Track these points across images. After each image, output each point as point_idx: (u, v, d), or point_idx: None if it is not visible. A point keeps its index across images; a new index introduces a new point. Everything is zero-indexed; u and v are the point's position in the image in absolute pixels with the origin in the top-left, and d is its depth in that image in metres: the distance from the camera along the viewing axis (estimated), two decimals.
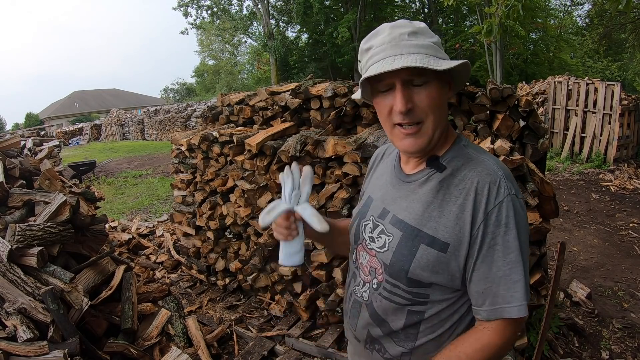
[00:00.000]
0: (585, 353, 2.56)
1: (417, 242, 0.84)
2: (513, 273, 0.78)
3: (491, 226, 0.78)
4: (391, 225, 0.90)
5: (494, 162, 0.84)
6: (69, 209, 2.31)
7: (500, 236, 0.78)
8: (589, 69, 20.06)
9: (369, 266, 0.94)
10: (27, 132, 15.55)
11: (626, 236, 4.52)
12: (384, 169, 1.02)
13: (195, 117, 16.80)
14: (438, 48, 0.81)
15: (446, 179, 0.84)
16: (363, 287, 0.95)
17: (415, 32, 0.80)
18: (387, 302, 0.89)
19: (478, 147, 0.89)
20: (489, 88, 2.18)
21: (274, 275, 2.87)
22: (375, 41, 0.82)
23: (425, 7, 24.28)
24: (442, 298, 0.86)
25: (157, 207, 6.75)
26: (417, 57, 0.76)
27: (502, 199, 0.78)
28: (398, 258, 0.86)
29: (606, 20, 15.13)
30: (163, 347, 2.36)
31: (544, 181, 1.93)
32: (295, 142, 2.53)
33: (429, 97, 0.79)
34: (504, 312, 0.79)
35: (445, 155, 0.87)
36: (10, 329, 1.87)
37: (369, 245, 0.94)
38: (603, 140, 7.52)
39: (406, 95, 0.79)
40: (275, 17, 23.03)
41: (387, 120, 0.84)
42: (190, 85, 46.14)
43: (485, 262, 0.79)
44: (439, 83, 0.81)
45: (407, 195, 0.89)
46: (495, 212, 0.78)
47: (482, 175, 0.80)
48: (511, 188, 0.80)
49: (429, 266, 0.82)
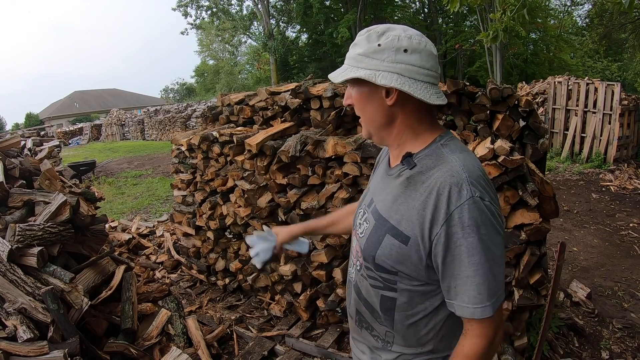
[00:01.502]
0: (585, 353, 2.56)
1: (383, 231, 0.91)
2: (477, 275, 0.80)
3: (454, 227, 0.80)
4: (370, 214, 0.99)
5: (462, 163, 0.85)
6: (69, 209, 2.31)
7: (464, 238, 0.80)
8: (589, 69, 20.06)
9: (355, 249, 1.04)
10: (27, 132, 15.56)
11: (626, 236, 4.52)
12: (382, 164, 1.11)
13: (195, 117, 16.80)
14: (363, 58, 0.87)
15: (414, 176, 0.89)
16: (352, 269, 1.07)
17: (356, 43, 0.89)
18: (366, 283, 0.98)
19: (455, 147, 0.90)
20: (489, 88, 2.18)
21: (274, 275, 2.88)
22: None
23: (425, 7, 24.28)
24: (410, 288, 0.91)
25: (157, 207, 6.75)
26: (343, 68, 0.91)
27: (464, 201, 0.80)
28: (369, 244, 0.94)
29: (606, 20, 15.12)
30: (163, 347, 2.36)
31: (544, 181, 1.93)
32: (295, 142, 2.53)
33: (357, 97, 0.93)
34: (470, 312, 0.83)
35: (418, 153, 0.91)
36: (10, 329, 1.87)
37: (357, 230, 1.04)
38: (603, 140, 7.52)
39: (347, 93, 0.95)
40: (275, 17, 23.03)
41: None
42: (190, 85, 46.13)
43: (453, 261, 0.82)
44: (359, 88, 0.91)
45: (386, 187, 0.98)
46: (457, 214, 0.80)
47: (446, 177, 0.83)
48: (475, 191, 0.80)
49: (392, 255, 0.89)
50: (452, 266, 0.82)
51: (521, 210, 1.92)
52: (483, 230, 0.80)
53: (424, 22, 23.57)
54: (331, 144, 2.41)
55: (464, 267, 0.81)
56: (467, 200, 0.79)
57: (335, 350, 2.47)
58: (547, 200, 1.94)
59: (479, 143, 2.10)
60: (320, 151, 2.48)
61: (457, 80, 2.24)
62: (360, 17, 19.79)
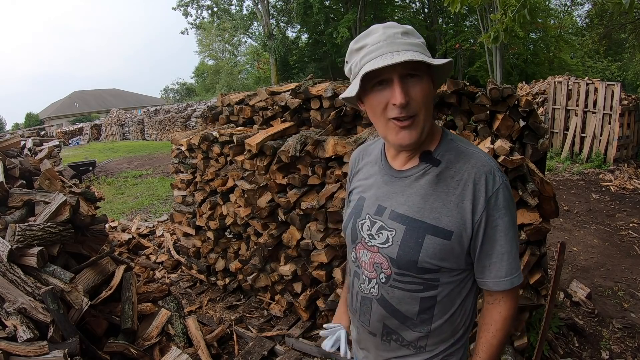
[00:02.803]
0: (585, 353, 2.56)
1: (421, 232, 0.90)
2: (513, 248, 0.91)
3: (492, 210, 0.88)
4: (391, 221, 0.94)
5: (484, 154, 0.93)
6: (69, 209, 2.31)
7: (500, 218, 0.88)
8: (589, 69, 20.06)
9: (372, 262, 0.98)
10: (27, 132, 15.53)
11: (626, 236, 4.52)
12: (370, 170, 1.06)
13: (195, 117, 16.80)
14: (425, 48, 0.87)
15: (443, 172, 0.91)
16: (370, 284, 0.99)
17: (407, 32, 0.86)
18: (399, 292, 0.95)
19: (464, 140, 0.97)
20: (489, 88, 2.18)
21: (274, 275, 2.87)
22: (368, 40, 0.85)
23: (425, 7, 24.27)
24: (450, 280, 0.93)
25: (157, 207, 6.75)
26: (414, 53, 0.81)
27: (499, 186, 0.88)
28: (405, 251, 0.91)
29: (606, 20, 15.12)
30: (163, 347, 2.36)
31: (544, 181, 1.93)
32: (295, 142, 2.53)
33: (422, 91, 0.85)
34: (509, 283, 0.91)
35: (437, 150, 0.93)
36: (10, 329, 1.87)
37: (369, 243, 0.98)
38: (603, 140, 7.52)
39: (404, 88, 0.83)
40: (275, 17, 23.03)
41: (382, 115, 0.88)
42: (190, 85, 46.13)
43: (490, 241, 0.89)
44: (429, 79, 0.87)
45: (403, 190, 0.95)
46: (494, 198, 0.87)
47: (478, 167, 0.89)
48: (502, 176, 0.90)
49: (436, 254, 0.89)
50: (489, 246, 0.90)
51: (521, 210, 1.92)
52: (512, 207, 0.90)
53: (424, 22, 23.56)
54: (331, 144, 2.41)
55: (500, 245, 0.89)
56: (501, 185, 0.88)
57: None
58: (547, 200, 1.94)
59: (479, 143, 2.10)
60: (320, 151, 2.48)
61: (457, 80, 2.24)
62: (360, 17, 19.79)
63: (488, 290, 0.95)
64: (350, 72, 0.91)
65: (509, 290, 0.93)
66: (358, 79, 0.84)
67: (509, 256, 0.90)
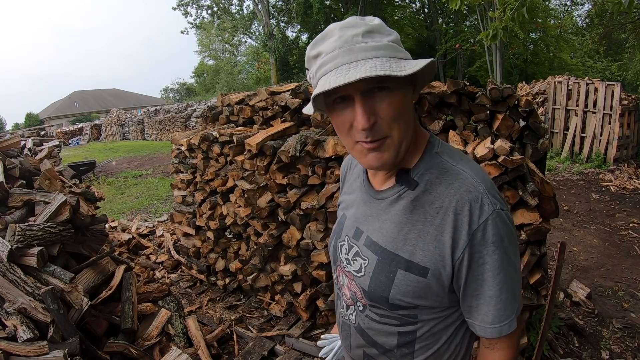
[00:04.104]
0: (585, 353, 2.56)
1: (393, 267, 0.78)
2: (503, 292, 0.75)
3: (477, 246, 0.72)
4: (365, 248, 0.84)
5: (473, 173, 0.75)
6: (69, 209, 2.31)
7: (489, 255, 0.72)
8: (589, 69, 20.06)
9: (349, 289, 0.89)
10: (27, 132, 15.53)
11: (626, 236, 4.52)
12: (354, 183, 0.95)
13: (195, 117, 16.80)
14: (397, 46, 0.70)
15: (420, 197, 0.76)
16: (348, 310, 0.92)
17: (370, 31, 0.69)
18: (375, 324, 0.85)
19: (453, 153, 0.80)
20: (489, 88, 2.18)
21: (274, 275, 2.87)
22: (323, 46, 0.70)
23: (425, 7, 24.27)
24: (431, 317, 0.82)
25: (157, 207, 6.75)
26: (376, 63, 0.65)
27: (487, 217, 0.71)
28: (376, 284, 0.80)
29: (606, 20, 15.12)
30: (163, 347, 2.36)
31: (544, 181, 1.93)
32: (295, 142, 2.53)
33: (392, 107, 0.69)
34: (496, 331, 0.78)
35: (416, 168, 0.78)
36: (10, 329, 1.87)
37: (347, 268, 0.89)
38: (603, 140, 7.52)
39: (367, 109, 0.68)
40: (276, 17, 23.03)
41: (347, 136, 0.74)
42: (190, 85, 46.15)
43: (476, 280, 0.75)
44: (402, 88, 0.71)
45: (379, 214, 0.83)
46: (481, 232, 0.71)
47: (461, 193, 0.73)
48: (495, 203, 0.73)
49: (410, 292, 0.77)
50: (475, 286, 0.75)
51: (521, 210, 1.92)
52: (506, 242, 0.73)
53: (424, 22, 23.58)
54: (331, 144, 2.41)
55: (488, 287, 0.74)
56: (490, 215, 0.71)
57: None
58: (547, 200, 1.94)
59: (479, 143, 2.10)
60: (320, 151, 2.48)
61: (457, 80, 2.24)
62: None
63: None
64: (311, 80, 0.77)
65: (502, 337, 0.79)
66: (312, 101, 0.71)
67: (497, 301, 0.75)
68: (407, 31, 23.33)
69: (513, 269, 0.75)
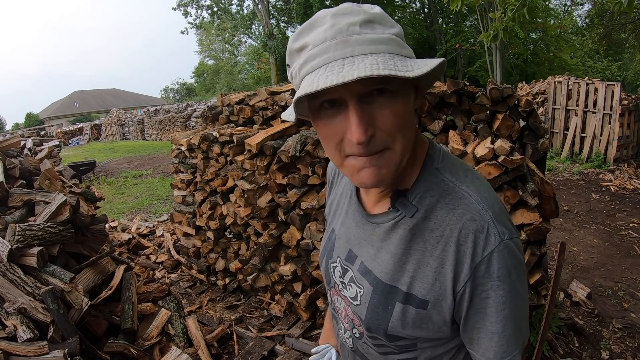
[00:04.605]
0: (585, 353, 2.57)
1: (390, 299, 0.70)
2: (506, 329, 0.66)
3: (480, 279, 0.63)
4: (360, 275, 0.76)
5: (479, 197, 0.65)
6: (69, 209, 2.31)
7: (493, 290, 0.64)
8: (589, 69, 20.07)
9: (346, 314, 0.82)
10: (27, 132, 15.55)
11: (626, 236, 4.52)
12: (343, 195, 0.85)
13: (195, 117, 16.81)
14: (401, 41, 0.58)
15: (419, 225, 0.67)
16: (345, 334, 0.85)
17: (370, 20, 0.56)
18: (373, 351, 0.79)
19: (456, 168, 0.69)
20: (489, 88, 2.18)
21: (274, 275, 2.87)
22: (311, 37, 0.56)
23: (425, 7, 24.28)
24: (431, 345, 0.75)
25: (157, 207, 6.75)
26: (377, 60, 0.52)
27: (493, 249, 0.62)
28: (373, 316, 0.73)
29: (606, 20, 15.13)
30: (163, 347, 2.36)
31: (544, 181, 1.93)
32: (295, 142, 2.53)
33: (394, 115, 0.57)
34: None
35: (414, 189, 0.68)
36: (10, 329, 1.87)
37: (342, 292, 0.82)
38: (603, 140, 7.52)
39: (365, 117, 0.55)
40: (276, 16, 23.03)
41: (335, 151, 0.61)
42: (190, 85, 46.18)
43: (477, 314, 0.67)
44: (405, 92, 0.58)
45: (373, 241, 0.74)
46: (485, 265, 0.62)
47: (465, 221, 0.63)
48: (504, 233, 0.63)
49: (409, 323, 0.70)
50: (476, 319, 0.67)
51: (521, 210, 1.92)
52: (514, 276, 0.64)
53: (424, 22, 23.58)
54: None
55: (491, 322, 0.66)
56: (497, 247, 0.62)
57: None
58: (547, 200, 1.94)
59: (479, 143, 2.10)
60: (321, 151, 2.48)
61: (457, 80, 2.24)
62: None
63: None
64: (292, 80, 0.63)
65: None
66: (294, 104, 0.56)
67: (499, 337, 0.66)
68: (407, 31, 23.27)
69: (520, 302, 0.67)
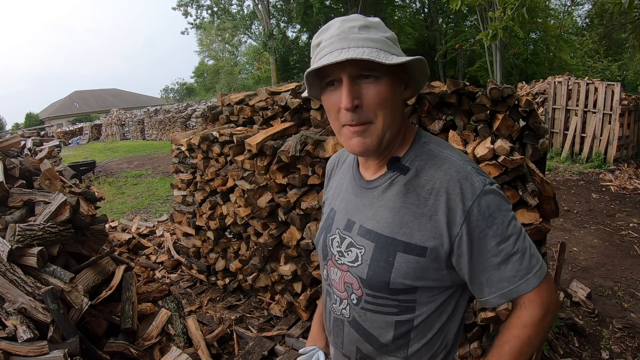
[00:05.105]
0: (585, 353, 2.56)
1: (392, 251, 0.80)
2: (509, 259, 0.76)
3: (475, 222, 0.75)
4: (360, 237, 0.85)
5: (459, 157, 0.80)
6: (69, 209, 2.31)
7: (488, 228, 0.75)
8: (589, 69, 20.06)
9: (342, 282, 0.89)
10: (27, 132, 15.54)
11: (626, 236, 4.52)
12: (342, 177, 0.97)
13: (195, 117, 16.81)
14: (391, 44, 0.76)
15: (411, 181, 0.80)
16: (341, 304, 0.91)
17: (367, 25, 0.75)
18: (372, 315, 0.86)
19: (440, 142, 0.85)
20: (489, 88, 2.18)
21: (274, 275, 2.87)
22: (324, 35, 0.77)
23: (425, 7, 24.27)
24: (429, 300, 0.83)
25: (157, 207, 6.75)
26: (365, 50, 0.71)
27: (479, 193, 0.75)
28: (375, 271, 0.81)
29: (606, 20, 15.12)
30: (163, 347, 2.36)
31: (544, 181, 1.93)
32: (295, 142, 2.53)
33: (378, 94, 0.74)
34: (514, 293, 0.78)
35: (406, 155, 0.83)
36: (10, 328, 1.87)
37: (340, 260, 0.89)
38: (603, 140, 7.52)
39: (353, 91, 0.74)
40: (276, 17, 23.03)
41: (335, 120, 0.79)
42: (190, 85, 46.16)
43: (480, 254, 0.77)
44: (391, 80, 0.76)
45: (372, 202, 0.85)
46: (476, 208, 0.75)
47: (451, 174, 0.77)
48: (485, 179, 0.77)
49: (410, 273, 0.79)
50: (482, 260, 0.77)
51: (521, 210, 1.92)
52: (504, 212, 0.76)
53: (424, 22, 23.56)
54: (331, 144, 2.41)
55: (494, 256, 0.76)
56: (482, 191, 0.75)
57: None
58: (547, 200, 1.94)
59: (479, 143, 2.10)
60: (320, 151, 2.48)
61: (457, 80, 2.24)
62: None
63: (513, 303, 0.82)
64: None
65: (526, 296, 0.79)
66: (305, 78, 0.78)
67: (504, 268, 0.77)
68: (407, 31, 23.31)
69: (516, 232, 0.77)
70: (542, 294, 0.80)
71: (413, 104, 2.35)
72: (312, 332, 1.16)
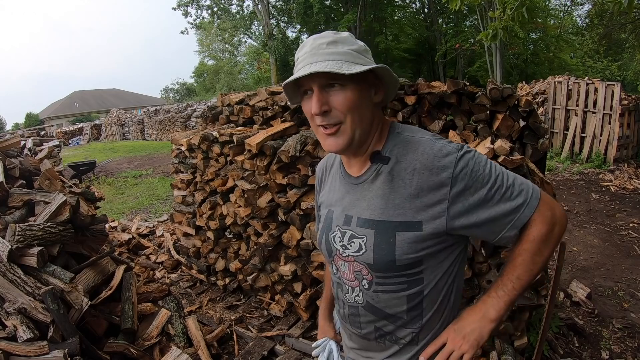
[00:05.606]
0: (585, 353, 2.56)
1: (391, 232, 0.88)
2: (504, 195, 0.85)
3: (461, 182, 0.84)
4: (360, 228, 0.93)
5: (432, 136, 0.90)
6: (69, 209, 2.31)
7: (475, 181, 0.84)
8: (589, 69, 20.06)
9: (352, 271, 0.97)
10: (27, 132, 15.57)
11: (626, 236, 4.52)
12: (333, 180, 1.06)
13: (195, 117, 16.80)
14: (358, 55, 0.86)
15: (394, 168, 0.89)
16: (353, 293, 0.99)
17: (335, 41, 0.85)
18: (384, 295, 0.94)
19: (412, 128, 0.95)
20: (489, 88, 2.18)
21: (274, 275, 2.87)
22: (301, 52, 0.88)
23: (425, 7, 24.27)
24: (433, 266, 0.91)
25: (157, 207, 6.75)
26: (329, 64, 0.81)
27: (455, 159, 0.84)
28: (380, 254, 0.89)
29: (606, 20, 15.13)
30: (163, 347, 2.36)
31: (544, 181, 1.93)
32: (295, 142, 2.53)
33: (344, 99, 0.84)
34: (519, 222, 0.87)
35: (385, 147, 0.92)
36: (10, 329, 1.87)
37: (344, 253, 0.97)
38: (603, 140, 7.52)
39: (321, 98, 0.84)
40: (276, 17, 23.03)
41: (312, 122, 0.90)
42: (190, 85, 46.13)
43: (479, 206, 0.85)
44: (357, 86, 0.85)
45: (364, 195, 0.94)
46: (458, 171, 0.83)
47: (426, 151, 0.86)
48: (456, 146, 0.86)
49: (412, 247, 0.87)
50: (482, 209, 0.85)
51: None
52: (482, 163, 0.86)
53: (424, 22, 23.57)
54: None
55: (491, 201, 0.85)
56: (457, 156, 0.84)
57: None
58: None
59: (479, 143, 2.10)
60: (320, 151, 2.48)
61: (457, 80, 2.24)
62: (360, 17, 19.79)
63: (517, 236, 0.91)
64: None
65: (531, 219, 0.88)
66: (283, 89, 0.91)
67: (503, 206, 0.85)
68: (407, 31, 23.33)
69: (499, 172, 0.87)
70: (543, 211, 0.89)
71: (413, 104, 2.35)
72: (320, 327, 1.26)
